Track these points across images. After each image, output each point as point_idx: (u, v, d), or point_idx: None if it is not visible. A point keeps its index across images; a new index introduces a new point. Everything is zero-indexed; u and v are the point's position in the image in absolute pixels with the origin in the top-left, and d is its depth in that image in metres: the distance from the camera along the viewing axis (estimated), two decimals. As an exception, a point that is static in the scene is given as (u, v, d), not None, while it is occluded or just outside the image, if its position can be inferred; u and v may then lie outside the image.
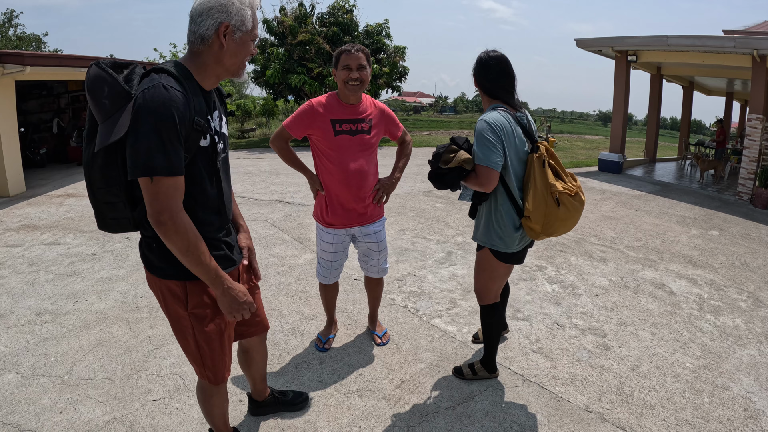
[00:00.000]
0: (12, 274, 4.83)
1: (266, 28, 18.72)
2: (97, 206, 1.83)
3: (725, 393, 3.09)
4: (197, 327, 1.95)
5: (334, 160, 2.98)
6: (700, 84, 17.92)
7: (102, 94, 1.65)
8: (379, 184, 3.15)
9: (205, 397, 2.21)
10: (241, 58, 1.81)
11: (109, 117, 1.64)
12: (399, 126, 3.24)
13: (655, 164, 15.33)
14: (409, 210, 7.60)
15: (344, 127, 2.95)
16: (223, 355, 2.07)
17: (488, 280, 2.93)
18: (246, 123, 24.13)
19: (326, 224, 3.15)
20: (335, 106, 2.97)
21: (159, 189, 1.62)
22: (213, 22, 1.70)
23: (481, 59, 2.79)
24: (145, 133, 1.58)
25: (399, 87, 20.33)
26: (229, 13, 1.70)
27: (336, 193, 3.05)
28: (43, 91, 13.79)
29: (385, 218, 3.33)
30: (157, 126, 1.58)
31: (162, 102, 1.59)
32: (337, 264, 3.28)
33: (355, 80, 2.89)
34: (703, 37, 10.71)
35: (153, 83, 1.62)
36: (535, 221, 2.62)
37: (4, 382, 3.06)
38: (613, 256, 5.71)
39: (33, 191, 8.97)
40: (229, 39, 1.73)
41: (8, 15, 38.15)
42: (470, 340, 3.64)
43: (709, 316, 4.16)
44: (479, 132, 2.60)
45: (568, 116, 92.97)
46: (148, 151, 1.58)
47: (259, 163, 11.83)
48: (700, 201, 9.46)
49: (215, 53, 1.75)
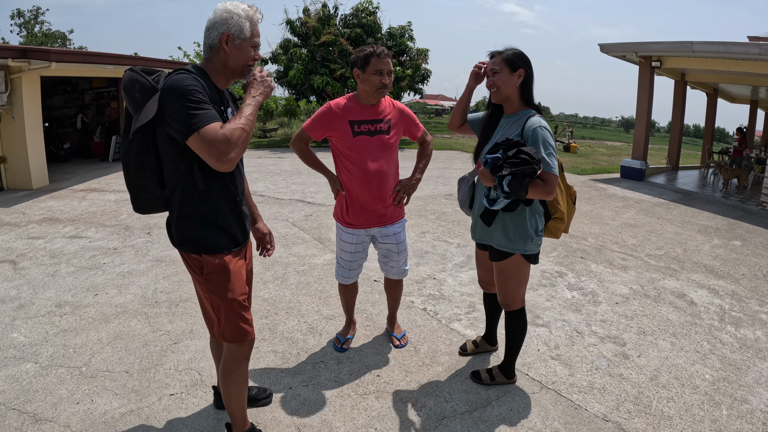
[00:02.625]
0: (34, 266, 4.90)
1: (290, 29, 18.83)
2: (132, 189, 2.12)
3: (744, 406, 3.02)
4: (212, 289, 2.20)
5: (354, 161, 2.98)
6: (724, 91, 17.64)
7: (134, 90, 1.98)
8: (400, 185, 3.14)
9: (225, 373, 2.33)
10: (243, 61, 2.13)
11: (141, 107, 1.97)
12: (419, 126, 3.22)
13: (678, 172, 15.09)
14: (430, 213, 7.58)
15: (363, 128, 2.96)
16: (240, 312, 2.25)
17: (517, 285, 2.88)
18: (268, 123, 24.22)
19: (346, 224, 3.15)
20: (354, 107, 2.98)
21: (206, 137, 1.88)
22: (217, 33, 2.06)
23: (523, 53, 2.71)
24: (173, 105, 1.89)
25: (421, 90, 20.28)
26: (229, 24, 2.05)
27: (356, 193, 3.05)
28: (67, 87, 14.01)
29: (405, 219, 3.31)
30: (182, 95, 1.89)
31: (183, 79, 1.93)
32: (356, 264, 3.28)
33: (385, 85, 2.91)
34: (727, 43, 10.52)
35: (175, 73, 1.99)
36: (564, 221, 2.80)
37: (22, 372, 3.10)
38: (633, 264, 5.63)
39: (56, 185, 9.11)
40: (230, 45, 2.07)
41: (34, 12, 38.92)
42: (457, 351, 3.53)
43: (729, 328, 4.08)
44: (544, 139, 2.54)
45: (590, 122, 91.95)
46: (181, 116, 1.88)
47: (281, 163, 11.89)
48: (722, 210, 9.30)
49: (221, 58, 2.10)
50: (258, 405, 2.82)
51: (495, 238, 2.80)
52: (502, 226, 2.74)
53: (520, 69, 2.66)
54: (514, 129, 2.66)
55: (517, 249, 2.73)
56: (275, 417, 2.75)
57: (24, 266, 4.90)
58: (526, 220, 2.70)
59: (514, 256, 2.77)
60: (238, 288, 2.23)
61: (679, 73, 14.43)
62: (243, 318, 2.25)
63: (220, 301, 2.19)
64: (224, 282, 2.18)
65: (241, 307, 2.24)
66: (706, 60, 11.57)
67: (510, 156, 2.45)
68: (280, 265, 5.05)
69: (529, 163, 2.40)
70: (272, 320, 3.86)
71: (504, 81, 2.67)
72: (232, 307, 2.21)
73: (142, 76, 1.99)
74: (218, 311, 2.22)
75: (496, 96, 2.74)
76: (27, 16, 38.66)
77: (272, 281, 4.62)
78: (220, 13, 2.06)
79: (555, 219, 2.79)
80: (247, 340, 2.29)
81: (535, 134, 2.55)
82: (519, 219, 2.70)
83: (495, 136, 2.80)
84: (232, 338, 2.25)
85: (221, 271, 2.18)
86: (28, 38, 37.81)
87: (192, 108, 1.88)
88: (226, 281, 2.18)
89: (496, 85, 2.69)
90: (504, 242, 2.75)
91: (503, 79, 2.67)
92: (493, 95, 2.76)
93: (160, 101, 1.92)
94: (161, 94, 1.92)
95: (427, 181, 10.08)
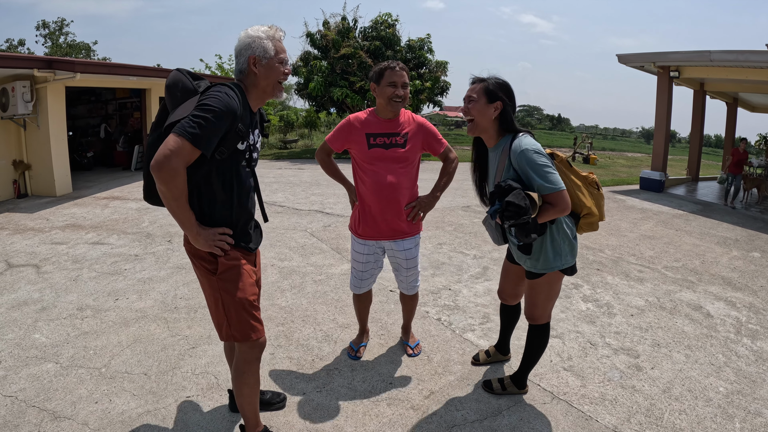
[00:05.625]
0: (56, 270, 5.03)
1: (310, 42, 19.10)
2: (148, 180, 2.28)
3: (758, 419, 2.99)
4: (224, 288, 2.28)
5: (368, 173, 3.05)
6: (744, 100, 17.43)
7: (177, 88, 2.18)
8: (417, 201, 3.16)
9: (237, 373, 2.40)
10: (273, 79, 2.28)
11: (178, 105, 2.14)
12: (441, 142, 3.18)
13: (698, 183, 14.93)
14: (447, 224, 7.60)
15: (378, 140, 3.01)
16: (249, 312, 2.32)
17: (547, 300, 2.86)
18: (288, 134, 24.46)
19: (358, 235, 3.21)
20: (372, 120, 3.05)
21: (178, 146, 1.97)
22: (244, 58, 2.23)
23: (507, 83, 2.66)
24: (197, 111, 2.02)
25: (440, 102, 20.37)
26: (253, 48, 2.21)
27: (369, 204, 3.11)
28: (91, 97, 14.33)
29: (419, 236, 3.29)
30: (209, 111, 2.02)
31: (219, 99, 2.06)
32: (368, 274, 3.32)
33: (399, 97, 2.95)
34: (746, 52, 10.42)
35: (222, 88, 2.13)
36: (594, 212, 2.75)
37: (43, 371, 3.20)
38: (650, 276, 5.60)
39: (79, 192, 9.32)
40: (258, 66, 2.23)
41: (59, 23, 39.75)
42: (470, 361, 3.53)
43: (745, 340, 4.04)
44: (532, 162, 2.45)
45: (610, 133, 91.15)
46: (191, 121, 1.99)
47: (301, 174, 12.00)
48: (742, 221, 9.19)
49: (252, 79, 2.26)
50: (272, 409, 2.88)
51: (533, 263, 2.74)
52: (538, 249, 2.69)
53: (497, 102, 2.59)
54: (503, 161, 2.60)
55: (554, 267, 2.69)
56: (288, 421, 2.80)
57: (47, 270, 5.03)
58: (554, 236, 2.66)
59: (549, 274, 2.74)
60: (249, 288, 2.32)
61: (697, 82, 14.33)
62: (253, 316, 2.33)
63: (231, 300, 2.27)
64: (236, 281, 2.28)
65: (251, 306, 2.33)
66: (725, 69, 11.48)
67: (503, 209, 2.41)
68: (297, 274, 5.11)
69: (519, 215, 2.36)
70: (289, 327, 3.92)
71: (479, 111, 2.60)
72: (243, 305, 2.29)
73: (187, 78, 2.20)
74: (229, 311, 2.29)
75: (472, 128, 2.67)
76: (52, 27, 39.52)
77: (289, 290, 4.69)
78: (243, 39, 2.23)
79: (585, 216, 2.74)
80: (258, 340, 2.35)
81: (521, 160, 2.47)
82: (547, 239, 2.66)
83: (490, 171, 2.77)
84: (243, 337, 2.31)
85: (234, 270, 2.28)
86: (52, 49, 38.65)
87: (202, 123, 2.00)
88: (237, 280, 2.28)
89: (470, 114, 2.63)
90: (539, 264, 2.71)
91: (478, 109, 2.60)
92: (469, 127, 2.69)
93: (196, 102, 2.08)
94: (199, 99, 2.07)
95: (446, 193, 10.03)
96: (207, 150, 2.05)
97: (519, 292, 3.23)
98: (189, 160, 2.02)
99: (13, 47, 38.14)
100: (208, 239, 2.18)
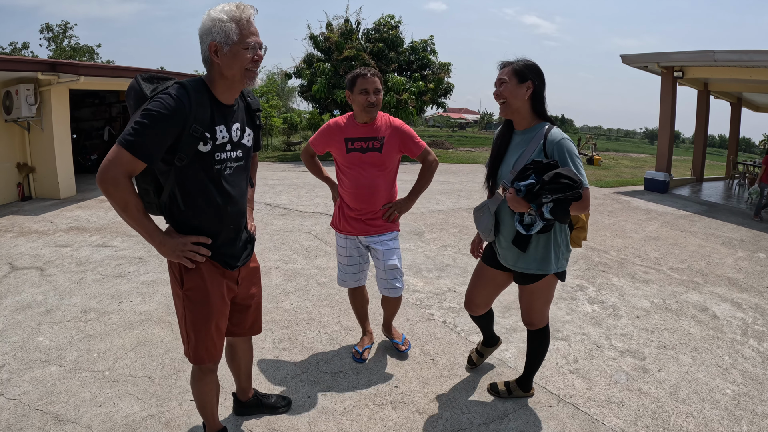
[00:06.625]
0: (60, 273, 5.03)
1: (313, 44, 19.14)
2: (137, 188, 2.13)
3: (765, 422, 2.96)
4: (188, 306, 2.17)
5: (348, 174, 3.18)
6: (748, 100, 17.38)
7: (131, 96, 2.03)
8: (394, 203, 3.26)
9: (192, 381, 2.39)
10: (238, 67, 1.99)
11: (134, 113, 1.98)
12: (419, 145, 3.21)
13: (703, 183, 14.87)
14: (452, 226, 7.58)
15: (356, 145, 3.11)
16: (207, 340, 2.22)
17: (544, 305, 2.84)
18: (292, 136, 24.47)
19: (339, 230, 3.35)
20: (350, 125, 3.15)
21: (116, 156, 1.85)
22: (205, 45, 1.97)
23: (535, 64, 2.60)
24: (137, 118, 1.86)
25: (444, 103, 20.36)
26: (213, 33, 1.94)
27: (348, 202, 3.25)
28: (95, 99, 14.32)
29: (397, 233, 3.35)
30: (148, 116, 1.85)
31: (160, 101, 1.88)
32: (353, 269, 3.40)
33: (372, 104, 3.03)
34: (750, 51, 10.36)
35: (171, 89, 1.94)
36: (585, 227, 2.76)
37: (47, 374, 3.20)
38: (656, 277, 5.57)
39: (83, 195, 9.33)
40: (220, 55, 1.96)
41: (63, 26, 39.82)
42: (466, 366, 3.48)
43: (752, 342, 4.01)
44: (572, 152, 2.45)
45: (614, 134, 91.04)
46: (130, 129, 1.85)
47: (305, 176, 11.98)
48: (747, 222, 9.14)
49: (217, 69, 2.00)
50: (277, 413, 2.87)
51: (529, 263, 2.65)
52: (534, 248, 2.62)
53: (529, 81, 2.54)
54: (533, 146, 2.52)
55: (551, 269, 2.63)
56: (293, 424, 2.78)
57: (51, 273, 5.03)
58: (557, 237, 2.61)
59: (546, 278, 2.67)
60: (217, 312, 2.21)
61: (701, 82, 14.26)
62: (213, 343, 2.24)
63: (194, 319, 2.17)
64: (203, 302, 2.16)
65: (216, 332, 2.23)
66: (729, 69, 11.43)
67: (548, 181, 2.30)
68: (302, 276, 5.10)
69: (572, 188, 2.28)
70: (293, 330, 3.91)
71: (511, 92, 2.55)
72: (206, 329, 2.19)
73: (138, 85, 2.01)
74: (189, 330, 2.19)
75: (504, 110, 2.62)
76: (56, 30, 39.58)
77: (294, 292, 4.68)
78: (204, 22, 1.96)
79: (577, 228, 2.74)
80: (211, 365, 2.31)
81: (561, 148, 2.45)
82: (547, 240, 2.60)
83: (509, 155, 2.65)
84: (197, 360, 2.25)
85: (200, 291, 2.16)
86: (56, 52, 38.74)
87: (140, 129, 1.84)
88: (205, 302, 2.16)
89: (503, 96, 2.57)
90: (537, 265, 2.63)
91: (510, 90, 2.55)
92: (501, 109, 2.64)
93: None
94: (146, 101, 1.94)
95: (450, 195, 10.11)
96: (148, 158, 1.88)
97: (491, 302, 3.08)
98: (131, 170, 1.88)
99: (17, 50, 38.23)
100: (175, 249, 2.03)
